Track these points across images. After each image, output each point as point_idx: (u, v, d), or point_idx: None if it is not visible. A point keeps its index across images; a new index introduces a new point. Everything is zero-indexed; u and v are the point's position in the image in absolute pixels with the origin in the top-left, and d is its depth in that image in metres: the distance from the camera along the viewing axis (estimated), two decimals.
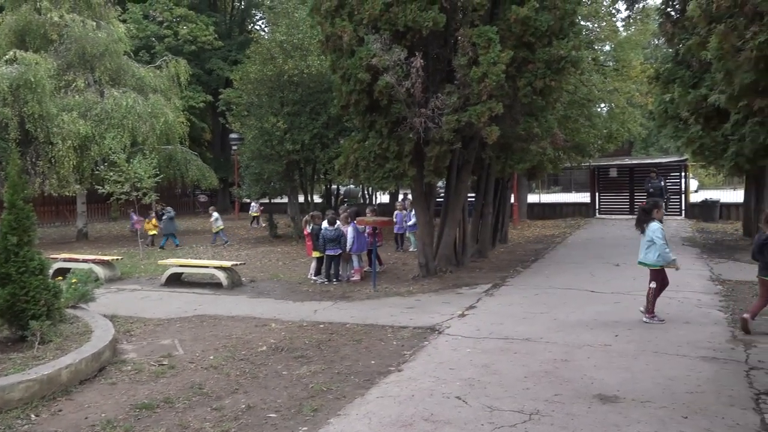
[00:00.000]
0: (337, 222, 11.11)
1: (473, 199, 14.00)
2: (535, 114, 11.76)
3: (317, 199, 20.88)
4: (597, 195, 24.85)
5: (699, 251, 13.66)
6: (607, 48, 24.52)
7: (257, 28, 37.51)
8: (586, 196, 25.81)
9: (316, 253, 11.29)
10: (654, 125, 21.73)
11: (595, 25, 22.14)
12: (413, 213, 14.47)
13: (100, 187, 15.55)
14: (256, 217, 24.41)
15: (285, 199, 21.14)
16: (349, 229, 11.11)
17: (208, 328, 7.89)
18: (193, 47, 29.28)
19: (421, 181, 11.04)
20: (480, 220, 13.76)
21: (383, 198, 26.98)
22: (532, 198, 26.07)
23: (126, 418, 4.86)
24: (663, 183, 21.37)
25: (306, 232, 11.89)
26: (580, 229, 19.81)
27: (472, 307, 8.63)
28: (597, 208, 24.70)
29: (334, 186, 21.53)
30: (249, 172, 18.11)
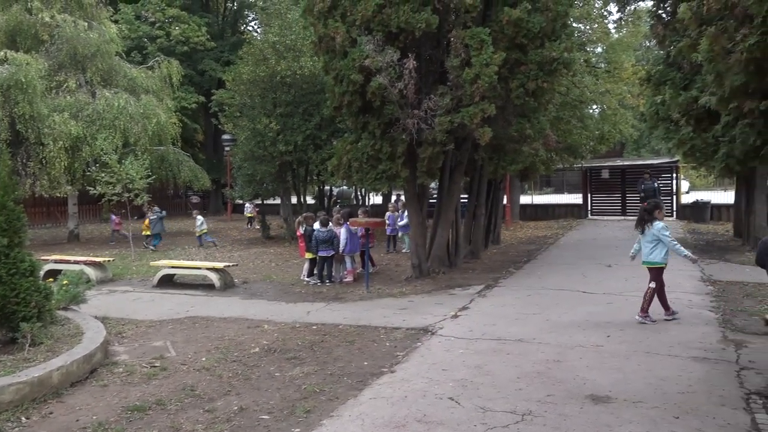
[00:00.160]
0: (330, 223, 11.11)
1: (466, 200, 14.03)
2: (528, 115, 11.79)
3: (310, 201, 20.86)
4: (589, 196, 24.97)
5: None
6: (599, 50, 24.66)
7: (250, 28, 37.50)
8: (578, 197, 25.93)
9: (308, 255, 11.28)
10: (645, 127, 21.87)
11: (587, 27, 22.29)
12: (405, 214, 14.51)
13: (91, 189, 15.47)
14: (251, 218, 24.32)
15: (278, 201, 21.12)
16: (342, 231, 11.11)
17: (200, 329, 7.86)
18: (186, 48, 29.18)
19: (414, 182, 11.05)
20: (473, 221, 13.79)
21: (376, 199, 26.99)
22: (524, 199, 26.17)
23: (117, 420, 4.83)
24: (656, 184, 21.49)
25: (299, 233, 11.87)
26: (572, 230, 19.89)
27: (464, 308, 8.64)
28: (589, 209, 24.82)
29: (327, 187, 21.53)
30: (241, 173, 18.06)
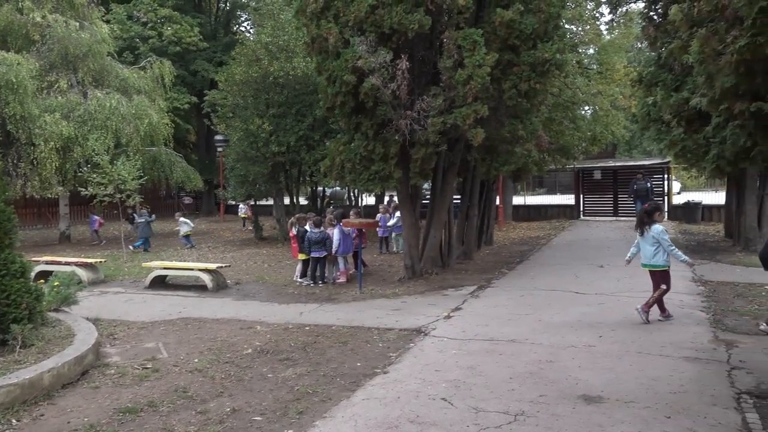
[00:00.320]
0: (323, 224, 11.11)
1: (459, 201, 14.05)
2: (520, 116, 11.82)
3: (303, 201, 20.84)
4: (581, 197, 25.04)
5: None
6: (591, 51, 24.78)
7: (242, 29, 37.38)
8: (570, 198, 26.00)
9: (301, 256, 11.26)
10: (637, 128, 21.97)
11: (579, 29, 22.40)
12: (397, 214, 14.53)
13: (83, 189, 15.38)
14: (245, 219, 24.21)
15: (271, 201, 21.07)
16: (336, 231, 11.11)
17: (192, 330, 7.83)
18: (178, 48, 29.06)
19: (407, 183, 11.06)
20: (465, 221, 13.81)
21: (370, 200, 26.98)
22: (517, 200, 26.20)
23: (109, 422, 4.81)
24: (649, 185, 21.59)
25: (292, 234, 11.86)
26: (564, 231, 19.95)
27: (457, 309, 8.65)
28: (581, 209, 24.88)
29: (320, 188, 21.50)
30: (234, 173, 18.01)
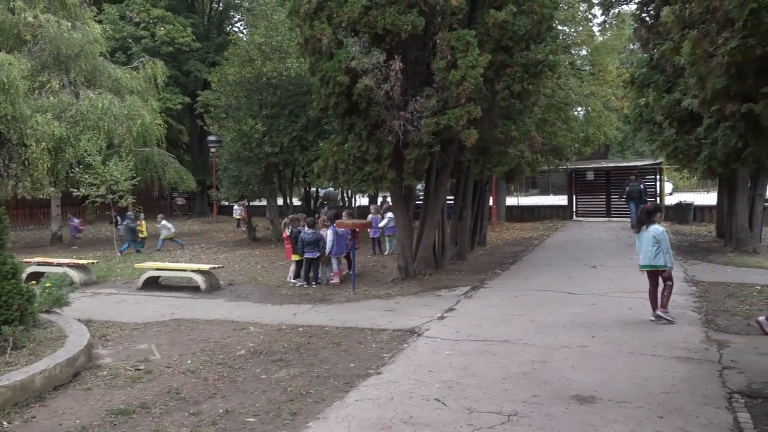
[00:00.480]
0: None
1: (452, 202, 14.06)
2: (513, 117, 11.85)
3: (296, 202, 20.80)
4: (574, 198, 25.13)
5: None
6: (584, 52, 24.85)
7: (236, 29, 37.26)
8: (563, 198, 26.07)
9: (295, 256, 11.25)
10: (629, 129, 22.02)
11: (572, 30, 22.44)
12: (388, 215, 14.54)
13: (75, 190, 15.30)
14: (239, 220, 24.11)
15: (264, 202, 21.02)
16: (329, 232, 11.10)
17: (185, 332, 7.81)
18: (171, 49, 28.97)
19: (401, 184, 11.06)
20: (459, 222, 13.82)
21: (363, 201, 26.98)
22: (510, 200, 26.27)
23: (101, 424, 4.79)
24: (642, 186, 21.66)
25: (285, 235, 11.84)
26: (557, 232, 20.01)
27: (451, 310, 8.66)
28: (574, 210, 24.97)
29: (313, 189, 21.47)
30: (227, 174, 17.96)
